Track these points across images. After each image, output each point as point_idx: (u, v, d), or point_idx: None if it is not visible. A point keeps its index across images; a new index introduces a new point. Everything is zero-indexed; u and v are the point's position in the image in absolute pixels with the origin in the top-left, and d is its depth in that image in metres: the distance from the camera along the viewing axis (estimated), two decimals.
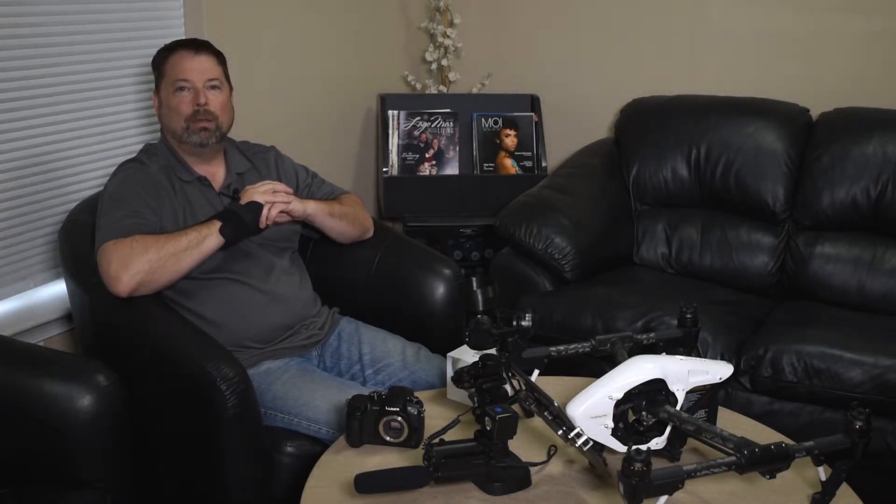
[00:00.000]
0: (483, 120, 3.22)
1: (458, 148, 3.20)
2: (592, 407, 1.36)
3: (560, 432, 1.36)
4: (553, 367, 1.60)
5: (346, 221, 2.16)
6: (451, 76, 3.38)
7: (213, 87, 1.99)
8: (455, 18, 3.32)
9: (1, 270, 2.08)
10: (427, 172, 3.18)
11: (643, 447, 1.20)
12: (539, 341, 1.59)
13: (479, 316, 1.46)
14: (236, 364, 1.72)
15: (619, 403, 1.37)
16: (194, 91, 1.96)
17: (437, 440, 1.42)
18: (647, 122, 2.98)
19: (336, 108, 3.16)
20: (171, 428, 1.82)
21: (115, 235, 1.83)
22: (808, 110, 2.81)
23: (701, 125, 2.84)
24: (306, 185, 2.20)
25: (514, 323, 1.49)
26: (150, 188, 1.94)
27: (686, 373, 1.43)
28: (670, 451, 1.48)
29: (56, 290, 2.20)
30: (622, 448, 1.37)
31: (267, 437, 1.80)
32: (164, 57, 2.00)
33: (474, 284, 1.47)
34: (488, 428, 1.38)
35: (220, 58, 2.03)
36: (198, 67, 1.97)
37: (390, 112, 3.18)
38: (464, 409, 1.60)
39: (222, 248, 1.89)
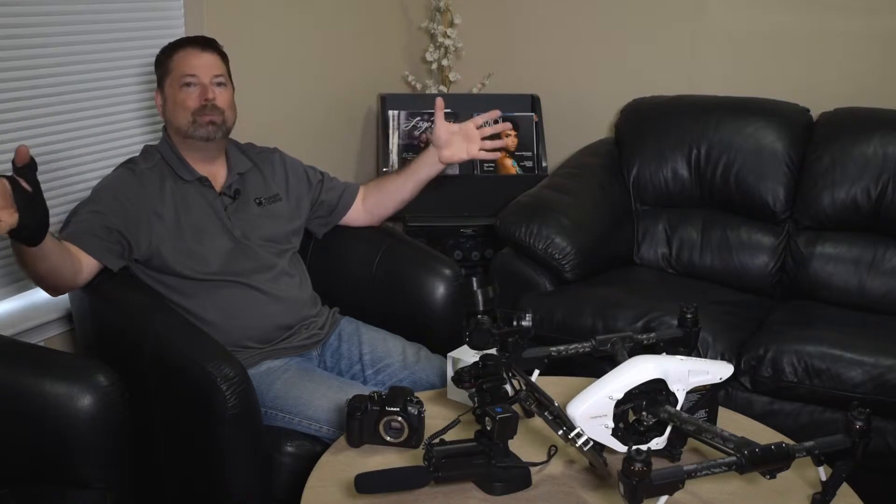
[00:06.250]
0: None
1: None
2: (592, 407, 1.36)
3: (560, 432, 1.36)
4: (553, 367, 1.59)
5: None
6: (452, 76, 3.38)
7: (220, 84, 2.01)
8: (455, 18, 3.32)
9: (1, 271, 2.08)
10: None
11: (643, 447, 1.20)
12: (539, 341, 1.59)
13: (479, 316, 1.46)
14: (237, 364, 1.72)
15: (619, 403, 1.37)
16: (201, 86, 1.97)
17: (437, 440, 1.42)
18: (647, 122, 2.98)
19: (336, 108, 3.16)
20: (171, 428, 1.82)
21: (68, 234, 1.87)
22: (808, 110, 2.81)
23: (701, 125, 2.84)
24: (318, 182, 2.22)
25: (514, 323, 1.49)
26: (131, 190, 1.94)
27: (686, 373, 1.43)
28: (670, 451, 1.48)
29: None
30: (622, 448, 1.37)
31: (267, 436, 1.80)
32: (168, 54, 2.01)
33: (474, 284, 1.47)
34: (488, 428, 1.37)
35: (224, 56, 2.06)
36: (205, 64, 1.99)
37: (390, 112, 3.17)
38: (464, 409, 1.60)
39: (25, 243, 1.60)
